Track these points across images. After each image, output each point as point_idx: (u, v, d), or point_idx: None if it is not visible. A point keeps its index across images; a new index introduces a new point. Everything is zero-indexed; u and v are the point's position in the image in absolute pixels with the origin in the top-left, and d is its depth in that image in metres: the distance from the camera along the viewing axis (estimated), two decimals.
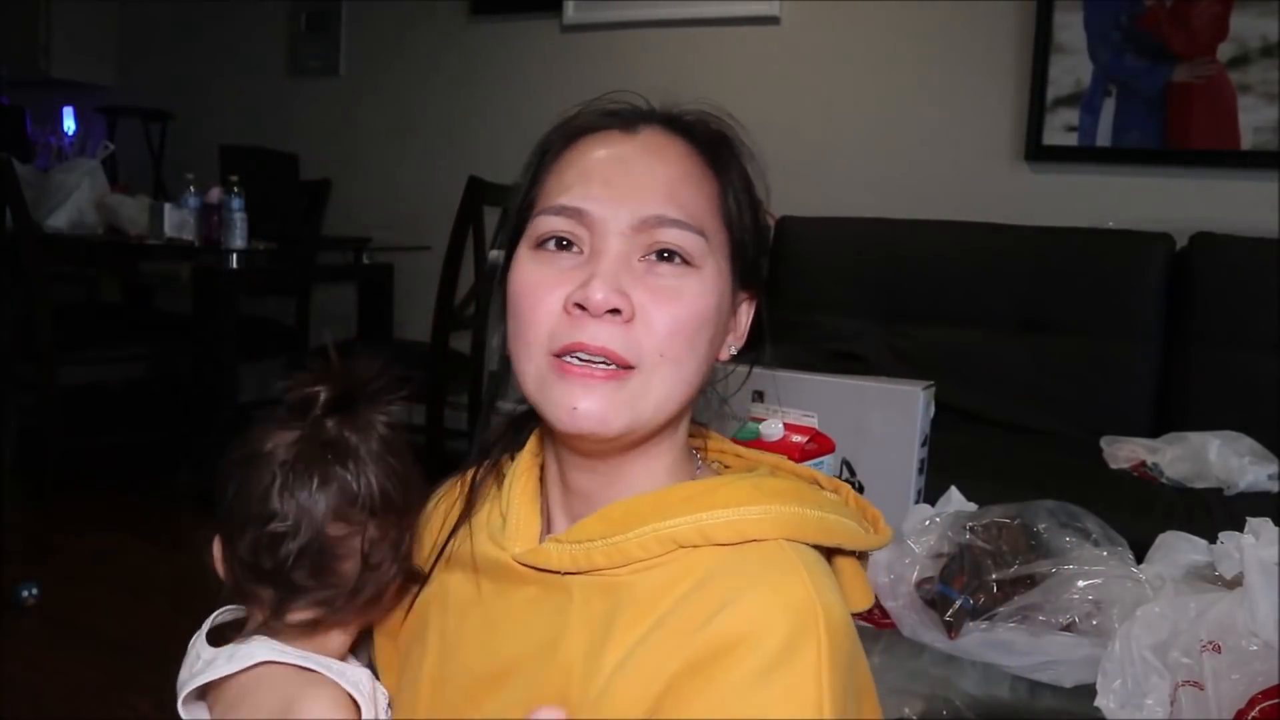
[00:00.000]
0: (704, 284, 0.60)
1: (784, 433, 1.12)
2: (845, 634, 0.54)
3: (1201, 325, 2.19)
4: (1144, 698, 0.83)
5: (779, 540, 0.57)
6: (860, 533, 0.62)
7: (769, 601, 0.53)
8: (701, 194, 0.62)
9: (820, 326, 2.51)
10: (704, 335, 0.60)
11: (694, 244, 0.60)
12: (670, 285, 0.59)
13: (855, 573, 0.63)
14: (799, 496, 0.60)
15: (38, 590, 2.14)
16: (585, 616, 0.58)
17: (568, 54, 3.27)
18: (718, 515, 0.57)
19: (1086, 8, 2.52)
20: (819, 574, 0.56)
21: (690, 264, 0.60)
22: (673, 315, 0.58)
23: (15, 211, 2.69)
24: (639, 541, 0.57)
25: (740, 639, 0.51)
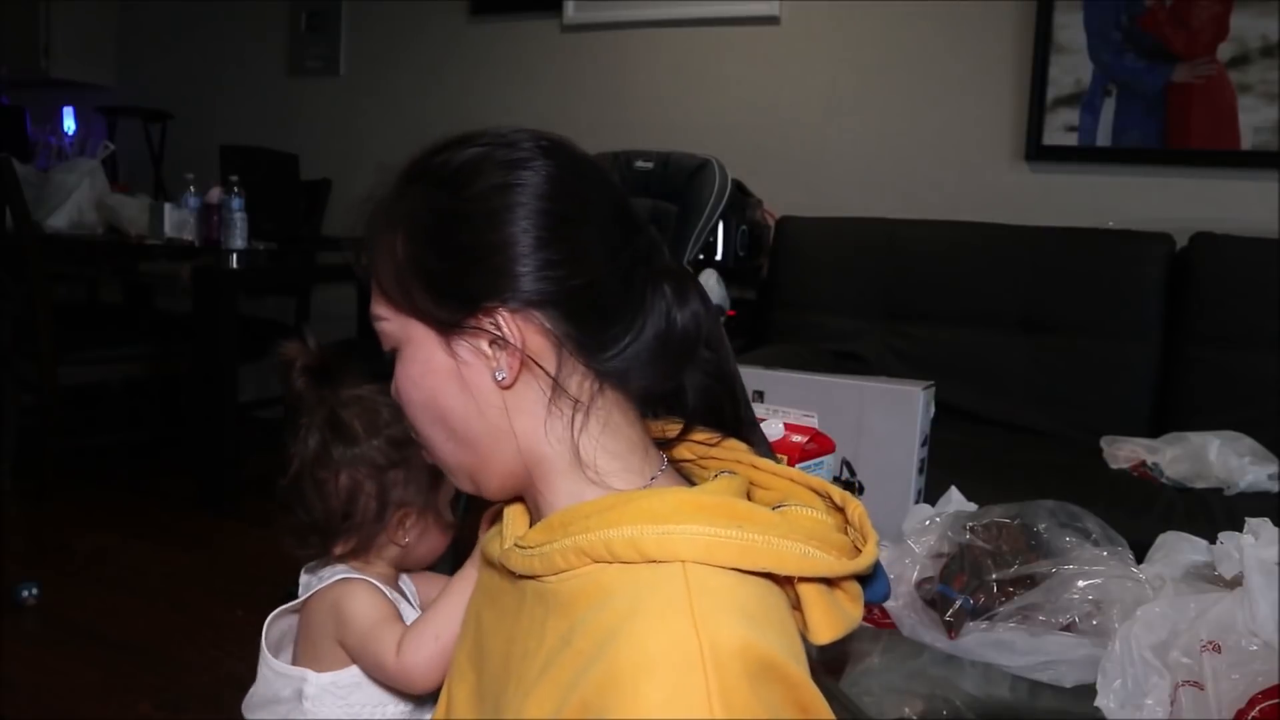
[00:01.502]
0: (404, 363, 0.63)
1: (784, 433, 1.12)
2: (743, 665, 0.49)
3: (1201, 325, 2.19)
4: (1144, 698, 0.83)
5: (682, 563, 0.53)
6: (802, 556, 0.55)
7: (648, 637, 0.50)
8: (387, 267, 0.62)
9: (820, 326, 2.51)
10: (426, 397, 0.62)
11: (386, 329, 0.63)
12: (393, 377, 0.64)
13: (818, 600, 0.57)
14: (719, 515, 0.55)
15: (38, 590, 2.14)
16: (530, 619, 0.59)
17: (568, 54, 3.27)
18: (621, 531, 0.55)
19: (1086, 8, 2.52)
20: (712, 601, 0.51)
21: (398, 347, 0.63)
22: (401, 403, 0.64)
23: (15, 211, 2.69)
24: (560, 552, 0.57)
25: (621, 681, 0.49)
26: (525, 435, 0.61)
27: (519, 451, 0.62)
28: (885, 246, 2.52)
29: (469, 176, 0.61)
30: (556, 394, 0.60)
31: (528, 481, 0.63)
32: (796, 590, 0.57)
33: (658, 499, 0.56)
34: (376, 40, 3.65)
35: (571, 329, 0.59)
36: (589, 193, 0.63)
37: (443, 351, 0.61)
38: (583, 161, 0.64)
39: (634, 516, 0.55)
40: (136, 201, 3.11)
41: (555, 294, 0.59)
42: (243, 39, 3.91)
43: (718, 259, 2.57)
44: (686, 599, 0.51)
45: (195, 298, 2.78)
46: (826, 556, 0.56)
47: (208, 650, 1.96)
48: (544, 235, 0.59)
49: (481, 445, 0.62)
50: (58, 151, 3.91)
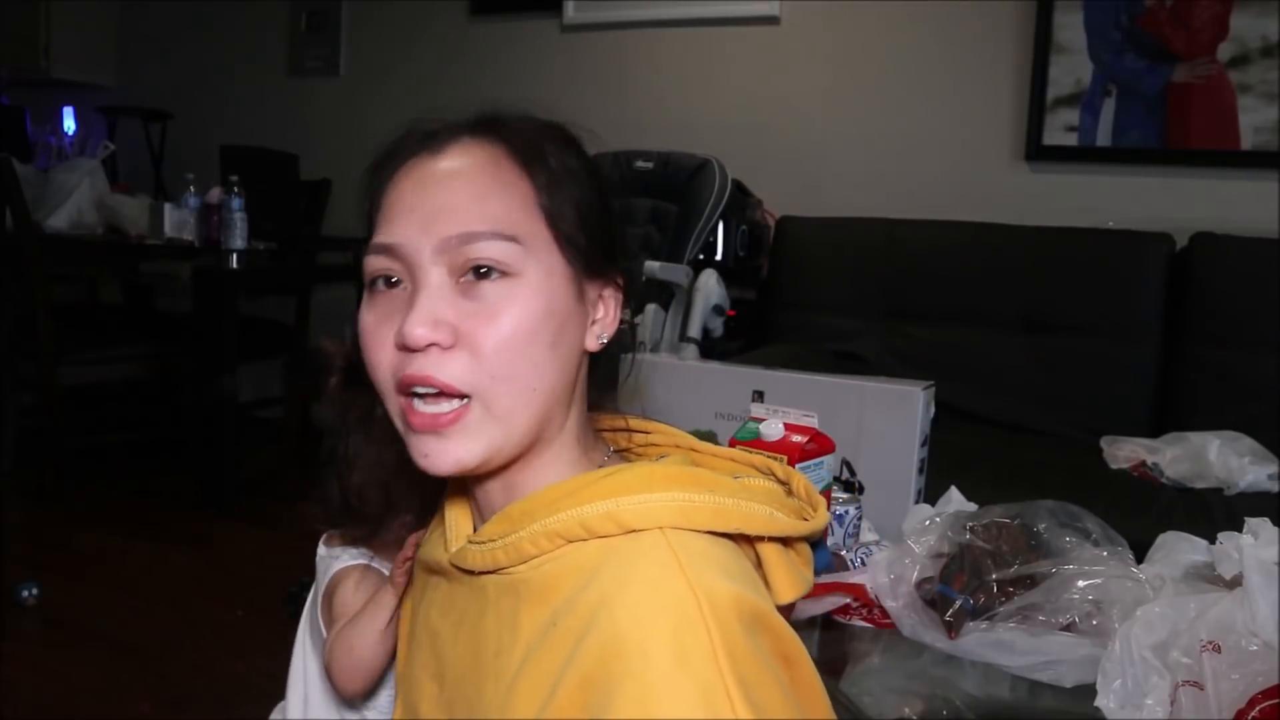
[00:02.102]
0: (529, 290, 0.59)
1: (784, 433, 1.12)
2: (741, 618, 0.51)
3: (1201, 325, 2.19)
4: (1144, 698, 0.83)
5: (659, 529, 0.55)
6: (769, 517, 0.59)
7: (644, 600, 0.51)
8: (512, 196, 0.60)
9: (820, 326, 2.51)
10: (540, 342, 0.59)
11: (507, 252, 0.58)
12: (490, 304, 0.58)
13: (779, 560, 0.60)
14: (692, 482, 0.58)
15: (38, 590, 2.14)
16: (497, 614, 0.59)
17: (568, 54, 3.27)
18: (598, 506, 0.56)
19: (1086, 8, 2.52)
20: (698, 561, 0.53)
21: (509, 274, 0.58)
22: (496, 335, 0.57)
23: (15, 211, 2.69)
24: (530, 538, 0.58)
25: (624, 647, 0.50)
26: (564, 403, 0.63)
27: (549, 418, 0.62)
28: (885, 246, 2.52)
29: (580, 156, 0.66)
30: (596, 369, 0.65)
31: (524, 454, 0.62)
32: (758, 552, 0.60)
33: (627, 474, 0.58)
34: (376, 40, 3.65)
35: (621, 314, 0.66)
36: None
37: (569, 293, 0.61)
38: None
39: (607, 492, 0.57)
40: (136, 201, 3.11)
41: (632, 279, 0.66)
42: (243, 39, 3.91)
43: (718, 259, 2.57)
44: (675, 560, 0.53)
45: (195, 298, 2.79)
46: (789, 518, 0.60)
47: (208, 650, 1.96)
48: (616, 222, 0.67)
49: (553, 402, 0.61)
50: (58, 151, 3.91)
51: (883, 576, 1.04)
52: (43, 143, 3.98)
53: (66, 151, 3.92)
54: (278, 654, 2.10)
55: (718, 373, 1.48)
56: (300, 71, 3.80)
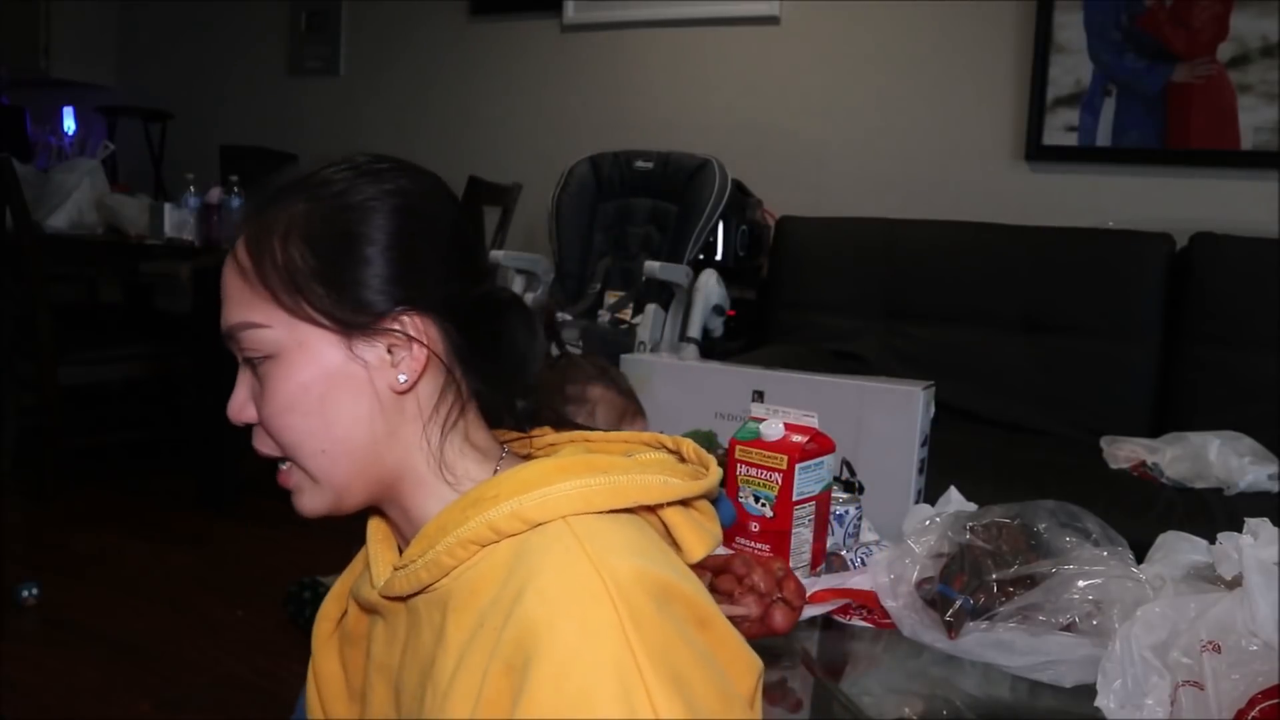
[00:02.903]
0: (284, 366, 0.62)
1: (784, 433, 1.12)
2: (647, 591, 0.54)
3: (1201, 325, 2.19)
4: (1144, 698, 0.82)
5: (562, 519, 0.58)
6: (664, 484, 0.62)
7: (551, 585, 0.54)
8: (249, 282, 0.63)
9: (820, 326, 2.51)
10: (301, 410, 0.62)
11: (255, 339, 0.63)
12: (263, 384, 0.63)
13: (685, 522, 0.63)
14: (583, 469, 0.60)
15: (38, 590, 2.14)
16: (431, 628, 0.61)
17: (568, 54, 3.27)
18: (502, 509, 0.58)
19: (1086, 8, 2.52)
20: (601, 542, 0.56)
21: (270, 355, 0.62)
22: (267, 411, 0.63)
23: (15, 211, 2.69)
24: (446, 551, 0.60)
25: (536, 628, 0.52)
26: (405, 443, 0.64)
27: (396, 460, 0.64)
28: (885, 246, 2.52)
29: (360, 186, 0.64)
30: (443, 397, 0.64)
31: (392, 493, 0.66)
32: (662, 519, 0.63)
33: (524, 473, 0.61)
34: (376, 40, 3.65)
35: (458, 338, 0.64)
36: (457, 211, 0.68)
37: (341, 354, 0.62)
38: (436, 180, 0.69)
39: (509, 492, 0.59)
40: (136, 201, 3.11)
41: (454, 302, 0.64)
42: (243, 39, 3.92)
43: (718, 259, 2.57)
44: (578, 545, 0.56)
45: (195, 298, 2.78)
46: (682, 481, 0.63)
47: (208, 650, 1.96)
48: (442, 245, 0.65)
49: (360, 454, 0.63)
50: (58, 151, 3.91)
51: (883, 576, 1.04)
52: (43, 143, 3.98)
53: (66, 151, 3.92)
54: (278, 654, 2.10)
55: (718, 373, 1.48)
56: (300, 71, 3.80)
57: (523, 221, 3.15)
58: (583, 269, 2.72)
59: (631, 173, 2.71)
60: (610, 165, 2.74)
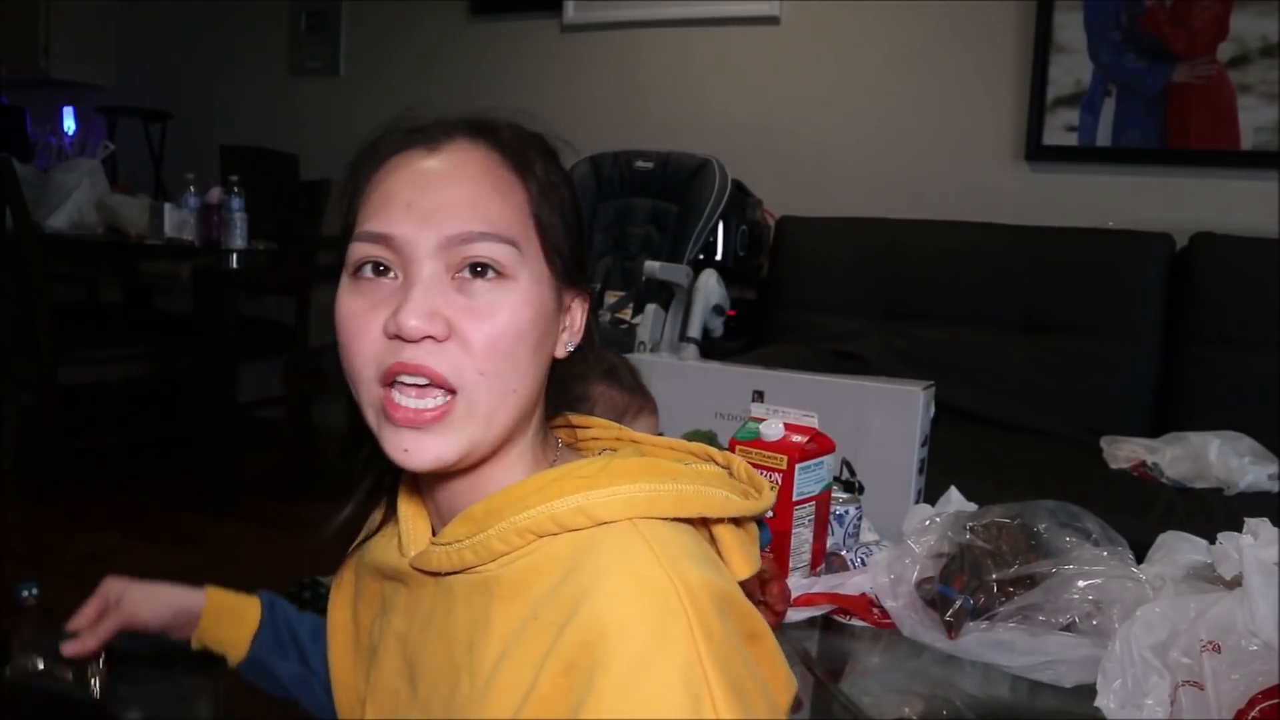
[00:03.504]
0: (520, 294, 0.60)
1: (784, 433, 1.12)
2: (714, 601, 0.54)
3: (1201, 325, 2.19)
4: (1144, 698, 0.83)
5: (629, 521, 0.57)
6: (726, 500, 0.61)
7: (624, 589, 0.53)
8: (509, 203, 0.61)
9: (820, 326, 2.51)
10: (525, 345, 0.60)
11: (504, 254, 0.59)
12: (485, 302, 0.59)
13: (734, 540, 0.63)
14: (652, 472, 0.60)
15: (38, 590, 2.13)
16: (467, 612, 0.60)
17: (568, 54, 3.27)
18: (567, 501, 0.58)
19: (1086, 8, 2.52)
20: (674, 548, 0.56)
21: (504, 276, 0.59)
22: (488, 332, 0.58)
23: (15, 211, 2.69)
24: (499, 536, 0.59)
25: (603, 635, 0.51)
26: (534, 406, 0.65)
27: (522, 419, 0.63)
28: (885, 246, 2.52)
29: (559, 170, 0.66)
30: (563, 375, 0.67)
31: (492, 455, 0.63)
32: (712, 533, 0.63)
33: (590, 468, 0.60)
34: (376, 40, 3.65)
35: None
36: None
37: (555, 305, 0.63)
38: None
39: (575, 487, 0.58)
40: (136, 201, 3.11)
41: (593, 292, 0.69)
42: (243, 39, 3.91)
43: (718, 259, 2.57)
44: (648, 548, 0.55)
45: (195, 298, 2.78)
46: (741, 499, 0.63)
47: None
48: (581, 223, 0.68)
49: (523, 405, 0.62)
50: (58, 151, 3.91)
51: (883, 576, 1.04)
52: (43, 143, 3.98)
53: (66, 151, 3.92)
54: None
55: (718, 373, 1.48)
56: (300, 71, 3.80)
57: None
58: None
59: (631, 173, 2.71)
60: (610, 165, 2.74)
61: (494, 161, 0.62)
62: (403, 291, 0.58)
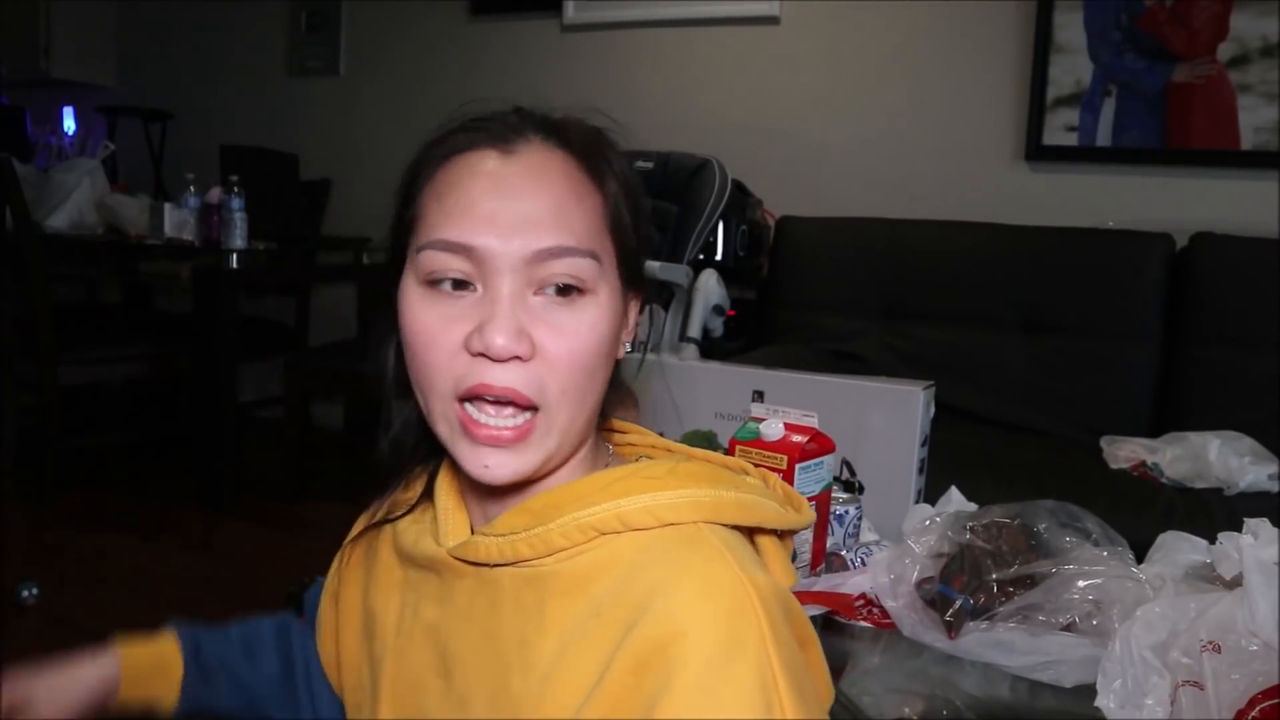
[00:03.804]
0: (599, 309, 0.59)
1: (784, 433, 1.12)
2: (779, 605, 0.55)
3: (1201, 325, 2.19)
4: (1144, 698, 0.83)
5: (697, 524, 0.58)
6: (780, 512, 0.63)
7: (700, 590, 0.53)
8: (587, 210, 0.60)
9: (820, 326, 2.51)
10: (602, 358, 0.60)
11: (587, 270, 0.58)
12: (568, 320, 0.58)
13: (777, 552, 0.64)
14: (714, 479, 0.61)
15: (38, 590, 2.14)
16: (517, 606, 0.59)
17: (568, 54, 3.27)
18: (635, 501, 0.57)
19: (1086, 8, 2.52)
20: (741, 553, 0.57)
21: (585, 291, 0.59)
22: (572, 351, 0.58)
23: (15, 211, 2.69)
24: (561, 531, 0.58)
25: (680, 634, 0.52)
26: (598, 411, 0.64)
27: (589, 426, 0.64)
28: (885, 246, 2.52)
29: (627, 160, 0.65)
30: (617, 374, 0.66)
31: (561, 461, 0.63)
32: (757, 545, 0.63)
33: (658, 470, 0.60)
34: (376, 40, 3.65)
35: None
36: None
37: (621, 306, 0.62)
38: None
39: (643, 487, 0.58)
40: (136, 201, 3.11)
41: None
42: (243, 39, 3.91)
43: (718, 259, 2.57)
44: (723, 551, 0.56)
45: (195, 298, 2.78)
46: (794, 514, 0.64)
47: None
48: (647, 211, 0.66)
49: (589, 410, 0.62)
50: (58, 151, 3.91)
51: (883, 576, 1.04)
52: (43, 143, 3.98)
53: (66, 151, 3.92)
54: None
55: (718, 373, 1.48)
56: (300, 71, 3.80)
57: None
58: None
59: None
60: None
61: (571, 166, 0.60)
62: (485, 306, 0.57)
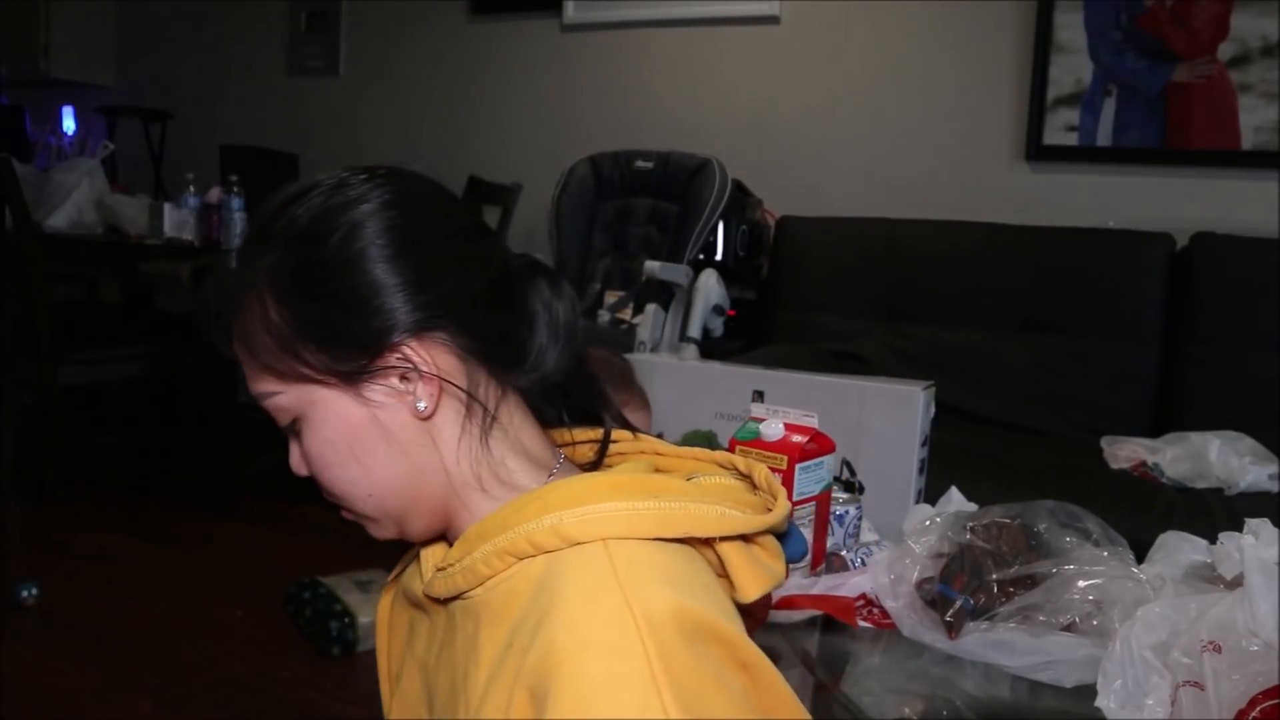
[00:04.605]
0: (311, 424, 0.61)
1: (784, 433, 1.12)
2: (677, 627, 0.51)
3: (1201, 325, 2.19)
4: (1144, 698, 0.82)
5: (602, 542, 0.55)
6: (721, 517, 0.57)
7: (578, 615, 0.51)
8: (262, 342, 0.60)
9: (820, 326, 2.51)
10: (337, 464, 0.62)
11: (276, 406, 0.62)
12: (306, 445, 0.63)
13: (742, 559, 0.59)
14: (634, 489, 0.57)
15: (38, 590, 2.14)
16: (464, 638, 0.60)
17: (568, 54, 3.27)
18: (542, 522, 0.56)
19: (1087, 7, 2.52)
20: (641, 571, 0.53)
21: (299, 416, 0.62)
22: (313, 470, 0.63)
23: (15, 211, 2.69)
24: (483, 559, 0.58)
25: (557, 666, 0.50)
26: (448, 462, 0.62)
27: (441, 485, 0.62)
28: (885, 246, 2.52)
29: (320, 226, 0.60)
30: (472, 410, 0.61)
31: (450, 510, 0.63)
32: (718, 552, 0.58)
33: (574, 485, 0.58)
34: (376, 40, 3.65)
35: (470, 341, 0.61)
36: (434, 211, 0.63)
37: (354, 404, 0.60)
38: (416, 181, 0.64)
39: (553, 505, 0.56)
40: (136, 201, 3.11)
41: (444, 313, 0.60)
42: (243, 39, 3.91)
43: (718, 259, 2.57)
44: (612, 573, 0.53)
45: (195, 298, 2.78)
46: (742, 513, 0.59)
47: (208, 650, 1.96)
48: (408, 261, 0.59)
49: (408, 487, 0.62)
50: (58, 151, 3.91)
51: (883, 576, 1.04)
52: (42, 143, 3.98)
53: (66, 151, 3.92)
54: (278, 654, 2.10)
55: (718, 373, 1.48)
56: (300, 71, 3.80)
57: (523, 221, 3.15)
58: (583, 269, 2.72)
59: (631, 173, 2.71)
60: (610, 165, 2.74)
61: (247, 299, 0.61)
62: None
